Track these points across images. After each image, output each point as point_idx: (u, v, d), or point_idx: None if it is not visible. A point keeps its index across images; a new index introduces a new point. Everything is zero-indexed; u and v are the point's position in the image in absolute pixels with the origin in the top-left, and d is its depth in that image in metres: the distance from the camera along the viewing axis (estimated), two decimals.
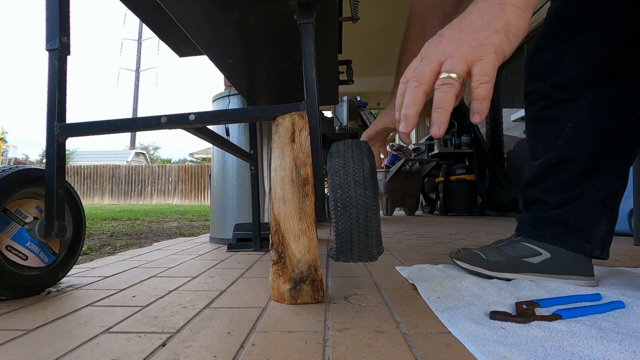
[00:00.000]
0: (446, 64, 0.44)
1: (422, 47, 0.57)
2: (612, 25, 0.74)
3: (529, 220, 0.84)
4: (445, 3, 0.84)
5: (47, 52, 0.71)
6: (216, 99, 1.68)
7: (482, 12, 0.45)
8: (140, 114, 27.22)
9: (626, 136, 0.77)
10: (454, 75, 0.44)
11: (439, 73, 0.45)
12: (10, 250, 0.70)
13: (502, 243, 0.86)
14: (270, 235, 0.66)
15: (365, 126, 3.68)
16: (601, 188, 0.78)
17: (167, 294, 0.73)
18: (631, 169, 1.64)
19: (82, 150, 21.74)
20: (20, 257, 0.72)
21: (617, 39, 0.74)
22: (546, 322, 0.52)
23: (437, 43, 0.46)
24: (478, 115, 0.44)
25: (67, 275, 0.88)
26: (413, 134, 8.26)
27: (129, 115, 23.97)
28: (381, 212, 4.88)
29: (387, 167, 4.54)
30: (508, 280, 0.78)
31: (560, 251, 0.79)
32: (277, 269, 0.64)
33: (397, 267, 0.96)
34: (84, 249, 1.23)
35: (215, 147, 1.66)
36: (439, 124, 0.45)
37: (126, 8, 0.90)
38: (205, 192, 14.17)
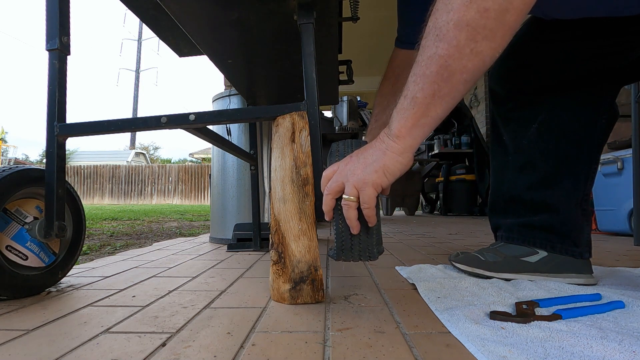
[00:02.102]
0: (346, 187, 0.57)
1: (391, 103, 0.81)
2: (575, 44, 0.76)
3: (517, 227, 0.85)
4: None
5: (47, 52, 0.71)
6: (216, 99, 1.68)
7: (373, 152, 0.57)
8: (140, 114, 27.23)
9: (595, 138, 0.79)
10: (352, 198, 0.57)
11: (343, 189, 0.58)
12: (10, 250, 0.70)
13: (499, 244, 0.87)
14: (270, 235, 0.66)
15: (365, 126, 3.68)
16: (576, 191, 0.80)
17: (167, 294, 0.73)
18: (631, 168, 1.64)
19: (82, 150, 21.73)
20: (20, 257, 0.72)
21: (582, 55, 0.76)
22: (546, 322, 0.52)
23: (346, 163, 0.59)
24: (369, 222, 0.59)
25: (67, 275, 0.88)
26: None
27: (129, 115, 23.97)
28: (381, 211, 4.88)
29: None
30: (508, 280, 0.78)
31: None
32: (277, 269, 0.64)
33: (397, 267, 0.96)
34: (84, 249, 1.23)
35: (215, 147, 1.66)
36: (350, 222, 0.58)
37: (126, 8, 0.90)
38: (205, 192, 14.17)
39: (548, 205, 0.80)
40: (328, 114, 3.69)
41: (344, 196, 0.58)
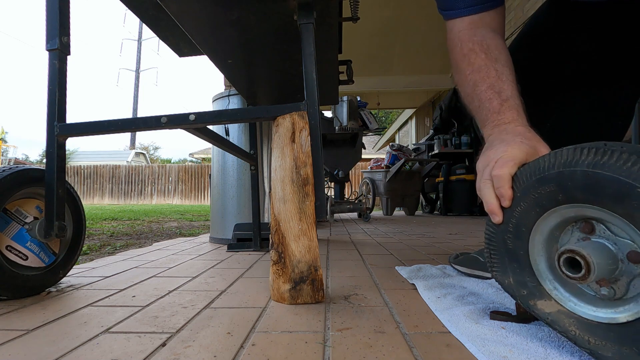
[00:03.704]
0: None
1: (498, 68, 0.67)
2: (592, 34, 0.73)
3: None
4: (488, 22, 0.75)
5: (47, 52, 0.71)
6: (216, 99, 1.68)
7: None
8: (140, 114, 27.25)
9: (610, 140, 0.77)
10: None
11: None
12: (10, 250, 0.70)
13: None
14: (270, 235, 0.66)
15: (365, 126, 3.67)
16: None
17: (167, 294, 0.73)
18: None
19: (82, 150, 21.69)
20: (21, 257, 0.72)
21: (599, 48, 0.73)
22: None
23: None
24: None
25: (67, 275, 0.88)
26: (413, 133, 8.25)
27: (129, 115, 23.97)
28: (381, 212, 4.88)
29: (387, 167, 4.54)
30: None
31: None
32: (277, 269, 0.64)
33: (397, 267, 0.96)
34: (84, 249, 1.23)
35: (215, 147, 1.66)
36: None
37: (126, 8, 0.90)
38: (205, 192, 14.17)
39: None
40: (328, 114, 3.69)
41: None
